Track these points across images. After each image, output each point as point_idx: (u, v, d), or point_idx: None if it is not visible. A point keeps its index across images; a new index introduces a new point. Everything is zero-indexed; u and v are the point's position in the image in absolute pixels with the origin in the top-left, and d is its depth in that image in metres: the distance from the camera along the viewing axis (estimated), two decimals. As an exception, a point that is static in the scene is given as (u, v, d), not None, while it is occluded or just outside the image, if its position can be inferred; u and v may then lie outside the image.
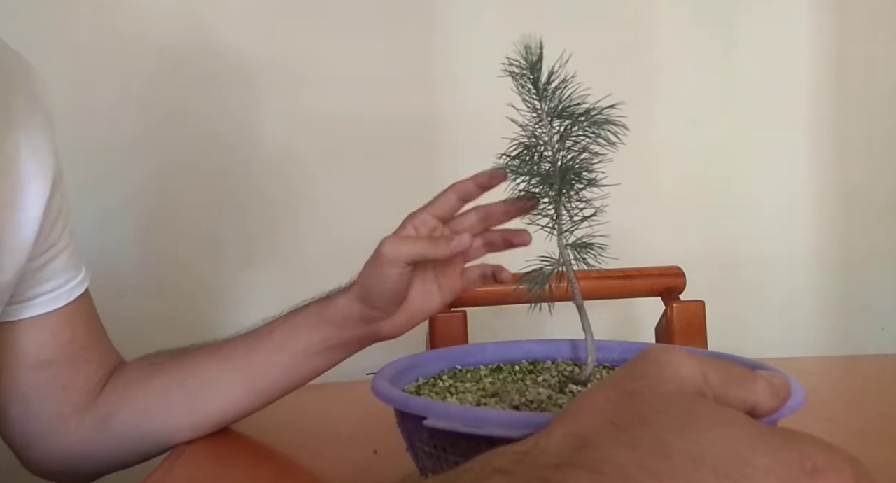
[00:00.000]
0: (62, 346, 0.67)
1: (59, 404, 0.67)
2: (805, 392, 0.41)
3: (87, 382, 0.69)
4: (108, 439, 0.69)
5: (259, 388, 0.69)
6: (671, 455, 0.26)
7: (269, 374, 0.68)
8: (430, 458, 0.42)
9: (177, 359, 0.71)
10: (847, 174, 1.41)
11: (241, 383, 0.69)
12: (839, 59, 1.39)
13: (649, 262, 1.07)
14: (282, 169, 1.29)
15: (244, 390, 0.69)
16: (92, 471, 0.71)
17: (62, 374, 0.67)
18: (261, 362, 0.68)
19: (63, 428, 0.68)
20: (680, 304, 1.00)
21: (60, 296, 0.67)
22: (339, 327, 0.66)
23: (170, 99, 1.27)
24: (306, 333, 0.67)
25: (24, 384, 0.66)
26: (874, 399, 0.79)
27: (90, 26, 1.25)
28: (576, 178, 0.49)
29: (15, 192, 0.60)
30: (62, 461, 0.69)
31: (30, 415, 0.67)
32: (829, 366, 1.03)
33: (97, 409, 0.69)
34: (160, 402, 0.69)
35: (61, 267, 0.67)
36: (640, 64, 1.35)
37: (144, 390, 0.69)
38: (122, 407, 0.69)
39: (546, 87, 0.49)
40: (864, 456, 0.28)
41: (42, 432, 0.68)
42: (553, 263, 0.51)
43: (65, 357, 0.67)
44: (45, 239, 0.64)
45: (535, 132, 0.50)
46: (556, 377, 0.54)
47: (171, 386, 0.69)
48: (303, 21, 1.29)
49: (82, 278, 0.70)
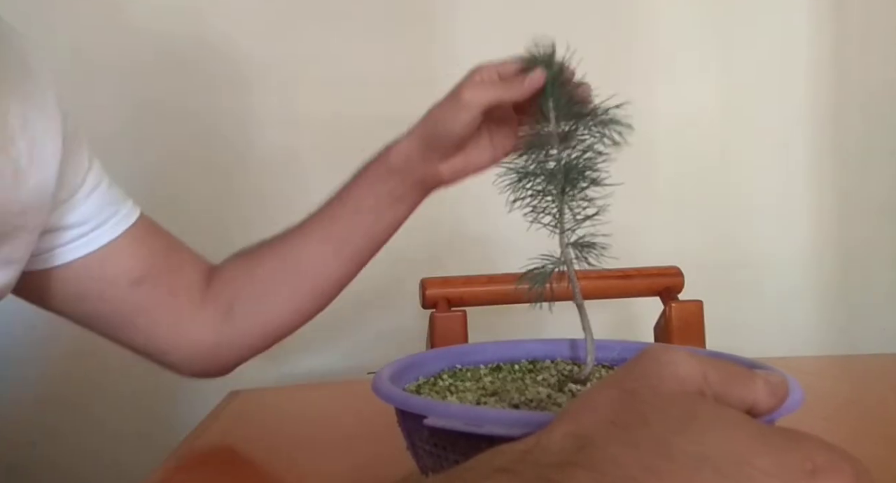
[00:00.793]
0: (146, 261, 0.71)
1: (176, 308, 0.72)
2: (803, 391, 0.41)
3: (192, 283, 0.74)
4: (233, 328, 0.74)
5: (348, 255, 0.73)
6: (672, 455, 0.26)
7: (353, 239, 0.73)
8: (430, 457, 0.42)
9: (269, 246, 0.75)
10: (845, 174, 1.41)
11: (330, 254, 0.73)
12: (837, 60, 1.40)
13: (648, 261, 1.08)
14: (281, 168, 1.29)
15: (335, 259, 0.73)
16: (232, 359, 0.76)
17: (162, 284, 0.72)
18: (342, 228, 0.73)
19: (190, 326, 0.73)
20: (678, 303, 1.00)
21: (112, 228, 0.69)
22: (402, 174, 0.70)
23: (169, 96, 1.27)
24: (373, 188, 0.71)
25: (133, 303, 0.70)
26: (872, 398, 0.80)
27: (90, 23, 1.25)
28: (579, 177, 0.49)
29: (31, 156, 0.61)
30: (200, 355, 0.74)
31: (155, 326, 0.72)
32: (827, 365, 1.04)
33: (216, 303, 0.74)
34: (268, 288, 0.74)
35: (96, 205, 0.69)
36: (639, 64, 1.35)
37: (252, 279, 0.74)
38: (237, 297, 0.74)
39: (552, 88, 0.49)
40: (862, 455, 0.28)
41: (172, 336, 0.73)
42: (554, 262, 0.51)
43: (156, 269, 0.71)
44: (67, 185, 0.66)
45: (540, 131, 0.50)
46: (556, 376, 0.54)
47: (274, 271, 0.74)
48: (303, 20, 1.29)
49: (130, 207, 0.72)
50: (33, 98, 0.62)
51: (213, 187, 1.29)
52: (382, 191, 0.71)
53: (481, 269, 1.08)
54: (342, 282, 0.75)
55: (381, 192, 0.71)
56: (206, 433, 0.72)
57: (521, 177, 0.50)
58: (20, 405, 1.29)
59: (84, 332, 0.72)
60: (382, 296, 1.32)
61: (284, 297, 0.74)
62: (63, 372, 1.28)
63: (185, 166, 1.28)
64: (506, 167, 0.51)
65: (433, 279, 1.02)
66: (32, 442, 1.29)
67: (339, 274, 0.74)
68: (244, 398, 0.85)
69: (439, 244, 1.32)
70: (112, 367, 1.28)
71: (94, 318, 0.71)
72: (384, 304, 1.32)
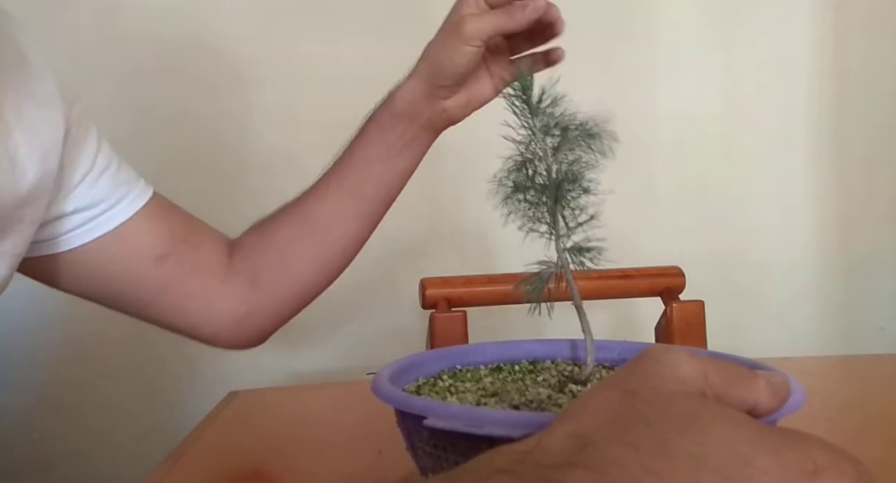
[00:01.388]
0: (165, 238, 0.71)
1: (201, 283, 0.72)
2: (804, 391, 0.41)
3: (214, 257, 0.74)
4: (261, 296, 0.74)
5: (365, 208, 0.73)
6: (673, 455, 0.26)
7: (367, 192, 0.73)
8: (430, 458, 0.42)
9: (286, 210, 0.75)
10: (846, 174, 1.41)
11: (347, 209, 0.73)
12: (839, 60, 1.39)
13: (649, 262, 1.08)
14: (280, 168, 1.29)
15: (353, 214, 0.73)
16: (266, 327, 0.76)
17: (186, 259, 0.71)
18: (355, 183, 0.72)
19: (219, 298, 0.73)
20: (679, 304, 1.00)
21: (127, 207, 0.69)
22: (409, 118, 0.69)
23: (168, 97, 1.27)
24: (382, 136, 0.71)
25: (159, 279, 0.70)
26: (873, 399, 0.80)
27: (90, 25, 1.25)
28: (570, 188, 0.49)
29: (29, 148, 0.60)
30: (232, 326, 0.74)
31: (183, 301, 0.72)
32: (828, 366, 1.03)
33: (241, 274, 0.74)
34: (288, 252, 0.73)
35: (109, 184, 0.68)
36: (640, 64, 1.35)
37: (272, 245, 0.74)
38: (260, 265, 0.74)
39: (538, 107, 0.49)
40: (862, 455, 0.28)
41: (202, 310, 0.73)
42: (551, 267, 0.51)
43: (177, 245, 0.71)
44: (77, 171, 0.66)
45: (529, 147, 0.50)
46: (556, 377, 0.54)
47: (293, 233, 0.74)
48: (302, 21, 1.29)
49: (143, 187, 0.72)
50: (29, 89, 0.61)
51: (213, 189, 1.29)
52: (392, 138, 0.70)
53: (481, 269, 1.08)
54: (363, 236, 0.75)
55: (391, 139, 0.70)
56: (206, 433, 0.72)
57: (513, 191, 0.50)
58: (20, 406, 1.29)
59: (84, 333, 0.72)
60: (382, 296, 1.32)
61: (307, 259, 0.74)
62: (63, 373, 1.28)
63: (186, 168, 1.28)
64: (498, 183, 0.51)
65: (433, 279, 1.02)
66: (32, 442, 1.30)
67: (359, 228, 0.74)
68: (244, 398, 0.85)
69: (439, 244, 1.32)
70: (112, 367, 1.28)
71: (122, 298, 0.71)
72: (384, 304, 1.33)
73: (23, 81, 0.61)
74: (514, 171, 0.50)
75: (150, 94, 1.28)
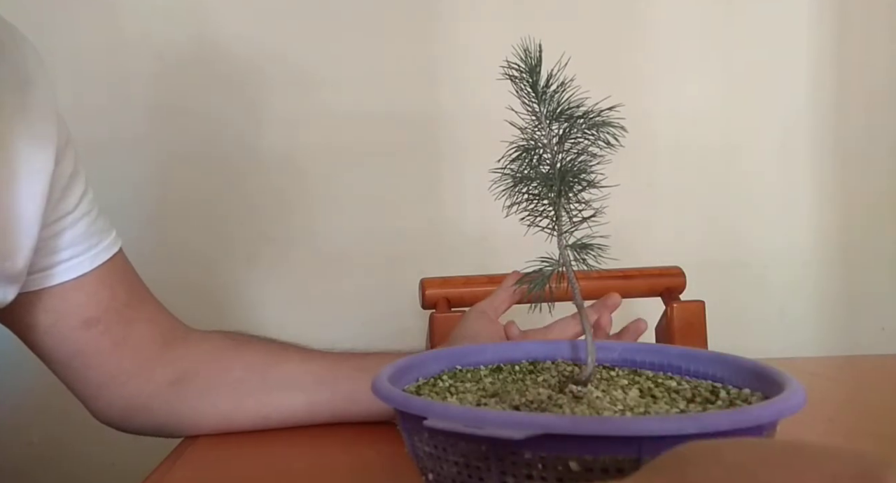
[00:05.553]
0: (104, 304, 0.68)
1: (118, 359, 0.69)
2: (804, 391, 0.41)
3: (143, 339, 0.70)
4: (176, 399, 0.70)
5: (329, 411, 0.70)
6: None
7: (349, 394, 0.69)
8: (430, 458, 0.42)
9: (266, 346, 0.73)
10: (846, 173, 1.41)
11: (322, 393, 0.70)
12: (839, 59, 1.39)
13: (649, 261, 1.07)
14: (286, 166, 1.30)
15: (307, 410, 0.70)
16: (150, 426, 0.72)
17: (112, 331, 0.68)
18: (343, 381, 0.69)
19: (128, 381, 0.69)
20: (680, 304, 1.00)
21: (83, 262, 0.67)
22: None
23: (174, 96, 1.27)
24: (383, 360, 0.67)
25: (76, 342, 0.67)
26: (874, 399, 0.79)
27: (94, 24, 1.25)
28: (575, 180, 0.48)
29: (13, 173, 0.59)
30: (122, 412, 0.71)
31: (91, 369, 0.69)
32: (829, 366, 1.03)
33: (173, 366, 0.70)
34: (240, 381, 0.70)
35: (81, 234, 0.67)
36: (640, 63, 1.35)
37: (229, 364, 0.71)
38: (201, 372, 0.70)
39: (545, 91, 0.48)
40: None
41: (105, 384, 0.69)
42: (553, 264, 0.51)
43: (110, 315, 0.68)
44: (53, 209, 0.64)
45: (534, 135, 0.50)
46: (556, 377, 0.54)
47: (254, 369, 0.70)
48: (308, 20, 1.29)
49: (110, 242, 0.69)
50: (24, 111, 0.61)
51: (213, 188, 1.29)
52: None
53: (481, 269, 1.08)
54: (311, 422, 0.71)
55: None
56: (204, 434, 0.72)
57: (517, 181, 0.50)
58: (19, 407, 1.29)
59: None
60: (382, 296, 1.32)
61: (246, 399, 0.70)
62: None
63: (188, 168, 1.28)
64: (501, 172, 0.51)
65: (433, 279, 1.02)
66: (31, 442, 1.29)
67: (309, 419, 0.70)
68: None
69: (439, 244, 1.32)
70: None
71: (36, 347, 0.68)
72: (384, 304, 1.32)
73: (19, 103, 0.60)
74: (517, 159, 0.50)
75: (151, 94, 1.28)
